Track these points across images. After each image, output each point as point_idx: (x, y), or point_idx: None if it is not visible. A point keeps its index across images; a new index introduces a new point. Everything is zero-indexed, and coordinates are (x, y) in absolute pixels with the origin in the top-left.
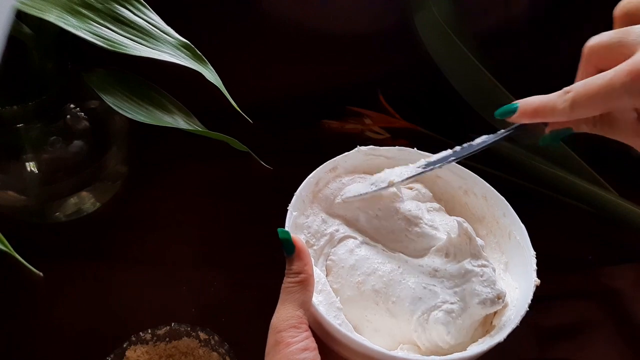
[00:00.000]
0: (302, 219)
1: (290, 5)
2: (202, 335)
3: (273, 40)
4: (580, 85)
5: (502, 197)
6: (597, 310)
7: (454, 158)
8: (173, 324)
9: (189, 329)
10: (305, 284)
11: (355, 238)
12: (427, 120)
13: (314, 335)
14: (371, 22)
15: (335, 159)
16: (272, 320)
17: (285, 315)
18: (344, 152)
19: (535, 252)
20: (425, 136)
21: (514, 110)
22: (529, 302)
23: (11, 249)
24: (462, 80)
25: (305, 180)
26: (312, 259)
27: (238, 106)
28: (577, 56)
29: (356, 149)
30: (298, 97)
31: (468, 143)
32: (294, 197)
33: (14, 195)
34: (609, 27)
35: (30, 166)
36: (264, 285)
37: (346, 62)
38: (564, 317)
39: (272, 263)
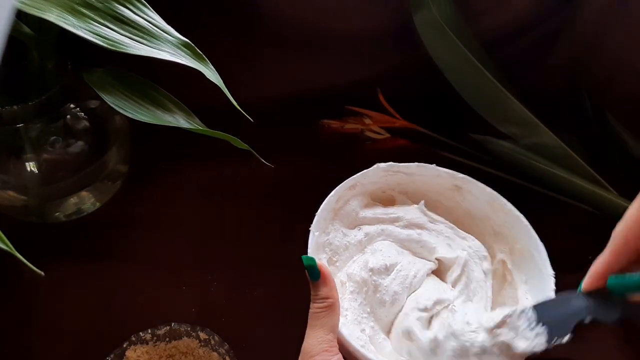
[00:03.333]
0: (322, 237)
1: (291, 4)
2: (202, 335)
3: (273, 40)
4: None
5: (522, 216)
6: None
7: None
8: (173, 324)
9: (189, 329)
10: (333, 308)
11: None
12: (427, 120)
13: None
14: (371, 22)
15: (354, 176)
16: (303, 346)
17: (316, 340)
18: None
19: (554, 272)
20: (425, 136)
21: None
22: None
23: (12, 247)
24: (462, 80)
25: (326, 200)
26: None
27: (238, 105)
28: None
29: (375, 166)
30: (298, 97)
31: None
32: (316, 217)
33: (14, 195)
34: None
35: (30, 166)
36: (265, 285)
37: (346, 62)
38: None
39: (272, 263)
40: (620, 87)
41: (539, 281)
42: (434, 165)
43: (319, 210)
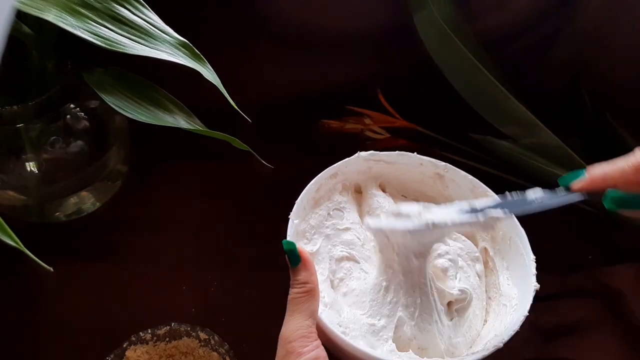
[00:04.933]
0: (302, 225)
1: (290, 4)
2: (202, 335)
3: (272, 40)
4: None
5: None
6: (597, 310)
7: (503, 212)
8: (173, 324)
9: (189, 329)
10: (312, 294)
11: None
12: (427, 120)
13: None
14: (371, 22)
15: (335, 165)
16: (281, 331)
17: (294, 325)
18: (343, 152)
19: (534, 257)
20: (425, 136)
21: (579, 177)
22: (529, 306)
23: (21, 245)
24: (462, 80)
25: (306, 188)
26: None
27: (237, 106)
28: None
29: (356, 154)
30: (298, 97)
31: (519, 196)
32: (295, 205)
33: (14, 195)
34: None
35: (30, 166)
36: (264, 285)
37: (346, 62)
38: (564, 317)
39: (272, 263)
40: (620, 87)
41: (520, 267)
42: (415, 154)
43: (298, 199)
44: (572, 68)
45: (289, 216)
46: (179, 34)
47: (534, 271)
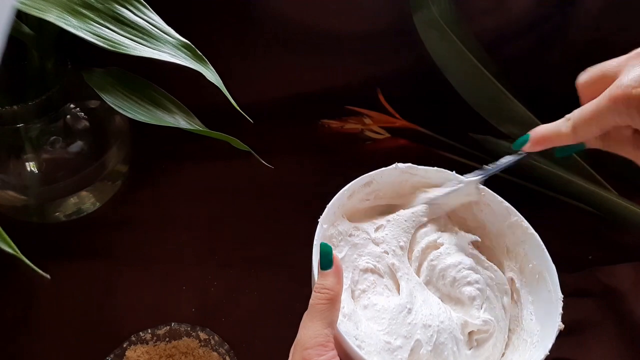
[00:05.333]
0: (331, 230)
1: (291, 5)
2: (202, 335)
3: (273, 40)
4: (577, 112)
5: (537, 235)
6: (597, 310)
7: (483, 176)
8: (173, 324)
9: (189, 329)
10: (334, 302)
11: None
12: (427, 120)
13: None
14: (371, 22)
15: (371, 173)
16: (298, 336)
17: (313, 332)
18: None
19: (562, 296)
20: (425, 136)
21: (527, 141)
22: (550, 345)
23: (18, 251)
24: (462, 80)
25: (338, 193)
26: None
27: (238, 106)
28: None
29: (394, 165)
30: (298, 97)
31: (494, 163)
32: (326, 209)
33: (14, 195)
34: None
35: (30, 166)
36: (265, 285)
37: (346, 62)
38: (564, 317)
39: (272, 263)
40: None
41: (546, 304)
42: (453, 173)
43: (329, 203)
44: (572, 68)
45: (319, 220)
46: (180, 35)
47: (560, 310)
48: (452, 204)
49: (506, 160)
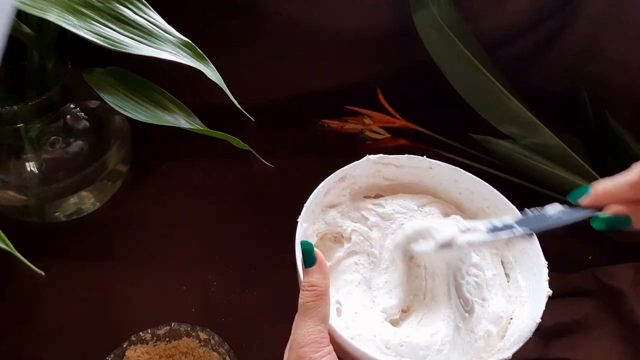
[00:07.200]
0: (311, 229)
1: (291, 5)
2: (202, 335)
3: (273, 40)
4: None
5: (514, 207)
6: (596, 310)
7: (523, 230)
8: (173, 324)
9: (189, 329)
10: (323, 298)
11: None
12: (427, 120)
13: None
14: (371, 22)
15: (344, 168)
16: (292, 335)
17: (306, 330)
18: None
19: (547, 262)
20: (425, 136)
21: (586, 195)
22: (541, 314)
23: (12, 247)
24: (462, 80)
25: (314, 191)
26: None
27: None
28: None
29: (365, 158)
30: (298, 97)
31: (538, 211)
32: (304, 208)
33: (14, 195)
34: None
35: (30, 166)
36: (264, 285)
37: (346, 62)
38: (564, 317)
39: (272, 263)
40: (620, 87)
41: (532, 273)
42: (424, 157)
43: (307, 202)
44: (572, 68)
45: (298, 219)
46: (181, 34)
47: (547, 277)
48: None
49: (556, 214)
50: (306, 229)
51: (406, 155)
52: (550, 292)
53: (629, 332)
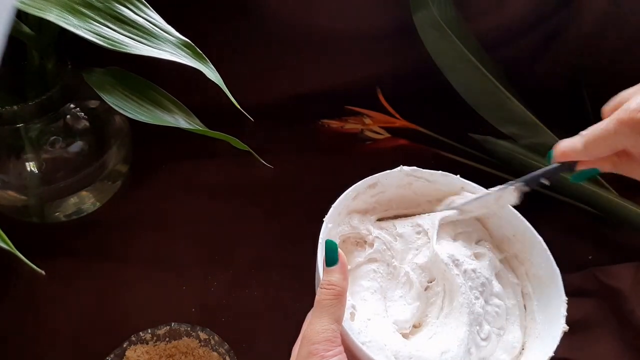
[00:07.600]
0: (335, 231)
1: (291, 5)
2: (202, 335)
3: (273, 40)
4: (589, 130)
5: (544, 243)
6: (596, 310)
7: (521, 183)
8: (173, 324)
9: (189, 329)
10: (341, 298)
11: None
12: (427, 120)
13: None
14: (371, 22)
15: (376, 175)
16: (306, 331)
17: (320, 327)
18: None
19: (566, 298)
20: (425, 136)
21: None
22: (555, 348)
23: (13, 247)
24: (462, 80)
25: (343, 194)
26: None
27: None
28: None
29: (399, 168)
30: (298, 97)
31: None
32: (331, 209)
33: (14, 195)
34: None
35: (30, 166)
36: (264, 285)
37: (346, 62)
38: None
39: (272, 263)
40: (619, 87)
41: (550, 306)
42: (458, 177)
43: (335, 203)
44: (572, 68)
45: (324, 219)
46: (180, 33)
47: (565, 312)
48: (478, 212)
49: (539, 171)
50: (331, 229)
51: (440, 172)
52: (566, 328)
53: (629, 332)
